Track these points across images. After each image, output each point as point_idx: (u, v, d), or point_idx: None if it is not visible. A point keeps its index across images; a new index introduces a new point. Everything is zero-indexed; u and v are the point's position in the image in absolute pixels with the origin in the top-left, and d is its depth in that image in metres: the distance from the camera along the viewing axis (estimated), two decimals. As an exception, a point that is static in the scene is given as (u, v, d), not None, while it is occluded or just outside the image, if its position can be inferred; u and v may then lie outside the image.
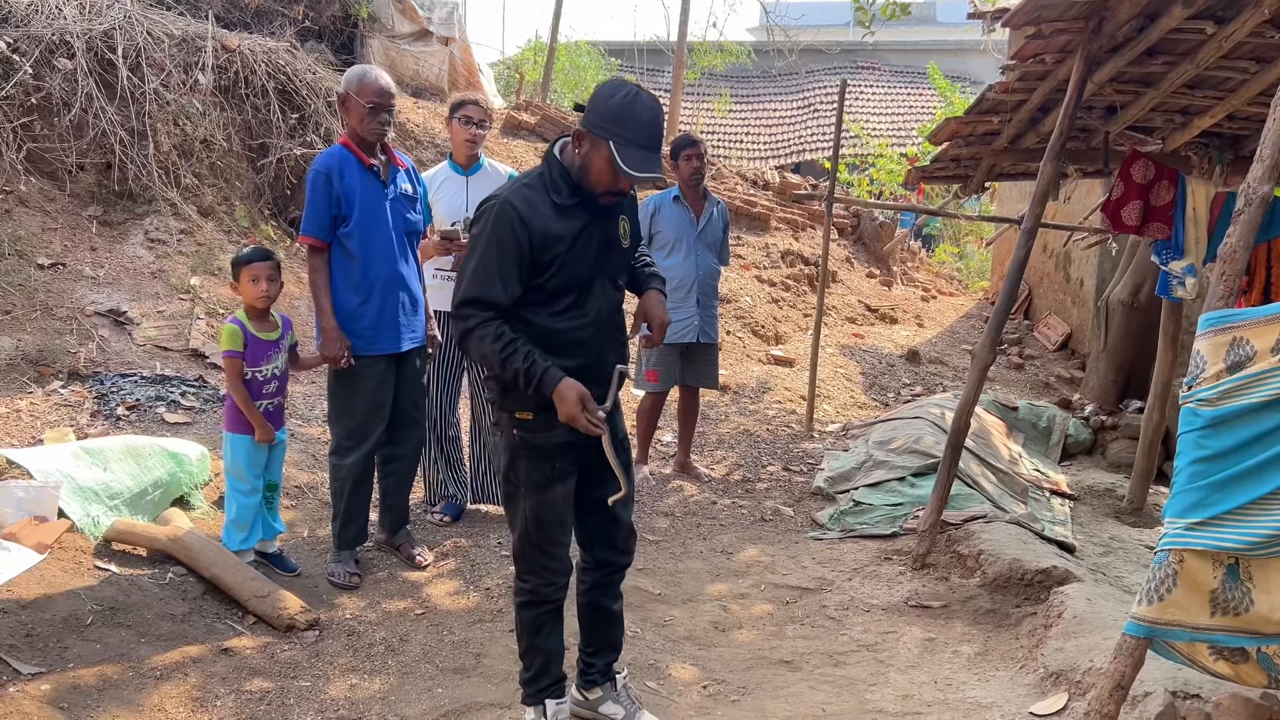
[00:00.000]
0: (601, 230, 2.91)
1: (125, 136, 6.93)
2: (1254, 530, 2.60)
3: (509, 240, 2.75)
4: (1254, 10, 4.11)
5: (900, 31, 19.79)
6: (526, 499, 2.97)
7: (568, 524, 3.03)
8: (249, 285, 4.03)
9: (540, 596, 3.02)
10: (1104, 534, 5.63)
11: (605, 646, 3.27)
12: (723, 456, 6.44)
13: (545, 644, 3.08)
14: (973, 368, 4.77)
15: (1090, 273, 9.22)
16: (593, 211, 2.88)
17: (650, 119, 2.77)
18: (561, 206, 2.83)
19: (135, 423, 5.25)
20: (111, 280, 6.45)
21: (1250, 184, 2.75)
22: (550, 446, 2.92)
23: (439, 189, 4.82)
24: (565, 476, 2.97)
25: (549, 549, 2.98)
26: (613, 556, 3.18)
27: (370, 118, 4.06)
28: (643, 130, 2.74)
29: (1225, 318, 2.69)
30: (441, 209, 4.79)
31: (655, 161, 2.76)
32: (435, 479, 5.02)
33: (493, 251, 2.77)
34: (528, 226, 2.76)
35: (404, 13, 11.13)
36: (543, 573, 3.00)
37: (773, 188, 12.65)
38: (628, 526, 3.16)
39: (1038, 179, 4.68)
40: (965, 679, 3.67)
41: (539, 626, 3.06)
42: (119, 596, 3.73)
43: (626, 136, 2.72)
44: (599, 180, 2.80)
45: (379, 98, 4.06)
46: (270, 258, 4.09)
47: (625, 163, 2.71)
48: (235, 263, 4.10)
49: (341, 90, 4.13)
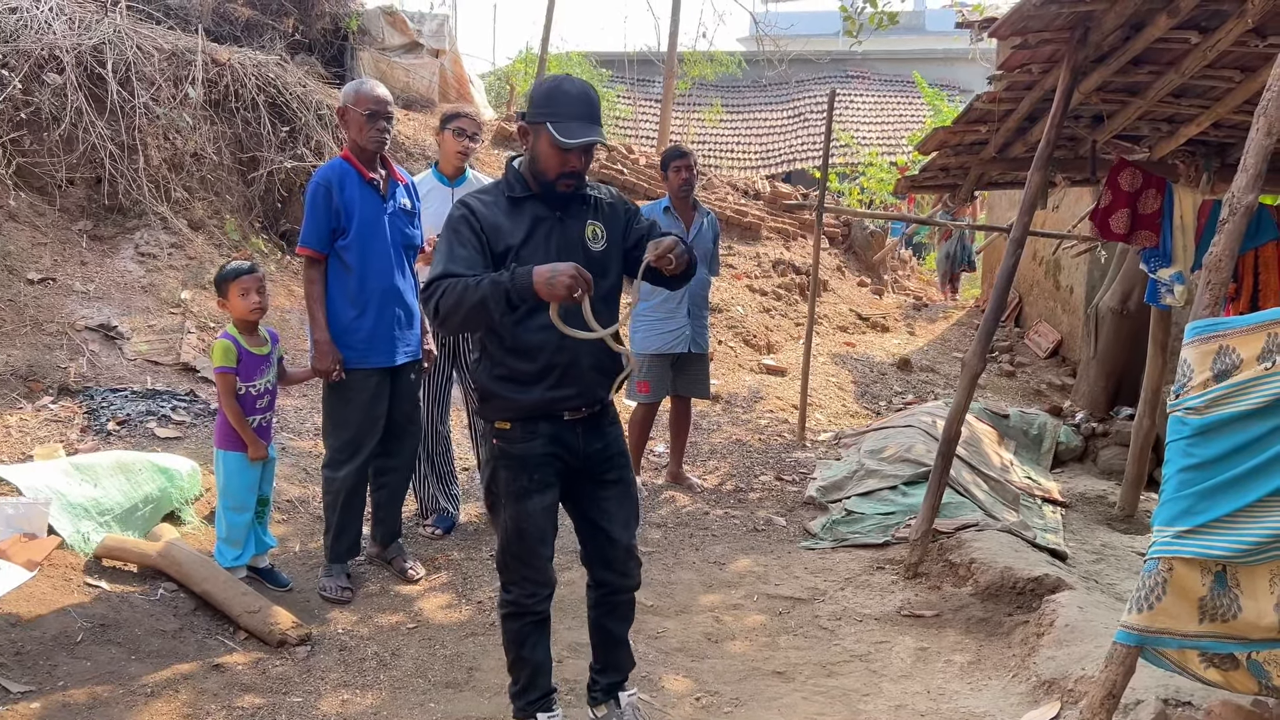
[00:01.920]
0: (561, 230, 2.92)
1: (115, 150, 6.92)
2: (1241, 538, 2.61)
3: (463, 230, 2.86)
4: (1237, 19, 4.14)
5: (889, 41, 19.85)
6: (506, 509, 2.97)
7: (549, 537, 3.01)
8: (239, 299, 4.02)
9: (523, 608, 3.02)
10: (1096, 541, 5.64)
11: (610, 667, 3.28)
12: (715, 466, 6.44)
13: (531, 656, 3.08)
14: (962, 376, 4.79)
15: (1080, 280, 9.26)
16: (551, 208, 2.91)
17: (579, 93, 2.86)
18: (514, 199, 2.91)
19: (126, 438, 5.23)
20: (102, 294, 6.43)
21: (1234, 193, 2.76)
22: (528, 457, 2.93)
23: (424, 199, 4.82)
24: (544, 488, 2.96)
25: (529, 560, 2.98)
26: (611, 578, 3.16)
27: (369, 125, 4.08)
28: (574, 103, 2.84)
29: (1212, 326, 2.70)
30: (428, 219, 4.78)
31: (592, 129, 2.82)
32: (426, 494, 5.02)
33: (450, 242, 2.85)
34: (477, 217, 2.86)
35: (394, 25, 11.15)
36: (524, 584, 3.00)
37: (764, 197, 12.68)
38: (625, 547, 3.12)
39: (1025, 188, 4.70)
40: (958, 688, 3.67)
41: (523, 638, 3.06)
42: (109, 613, 3.71)
43: (560, 113, 2.82)
44: (548, 165, 2.86)
45: (376, 105, 4.09)
46: (257, 271, 4.09)
47: (562, 134, 2.78)
48: (222, 279, 4.08)
49: (340, 104, 4.16)
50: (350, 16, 10.75)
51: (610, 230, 3.03)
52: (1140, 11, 4.25)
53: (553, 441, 2.92)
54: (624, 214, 3.08)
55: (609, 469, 3.07)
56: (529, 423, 2.91)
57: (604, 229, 3.01)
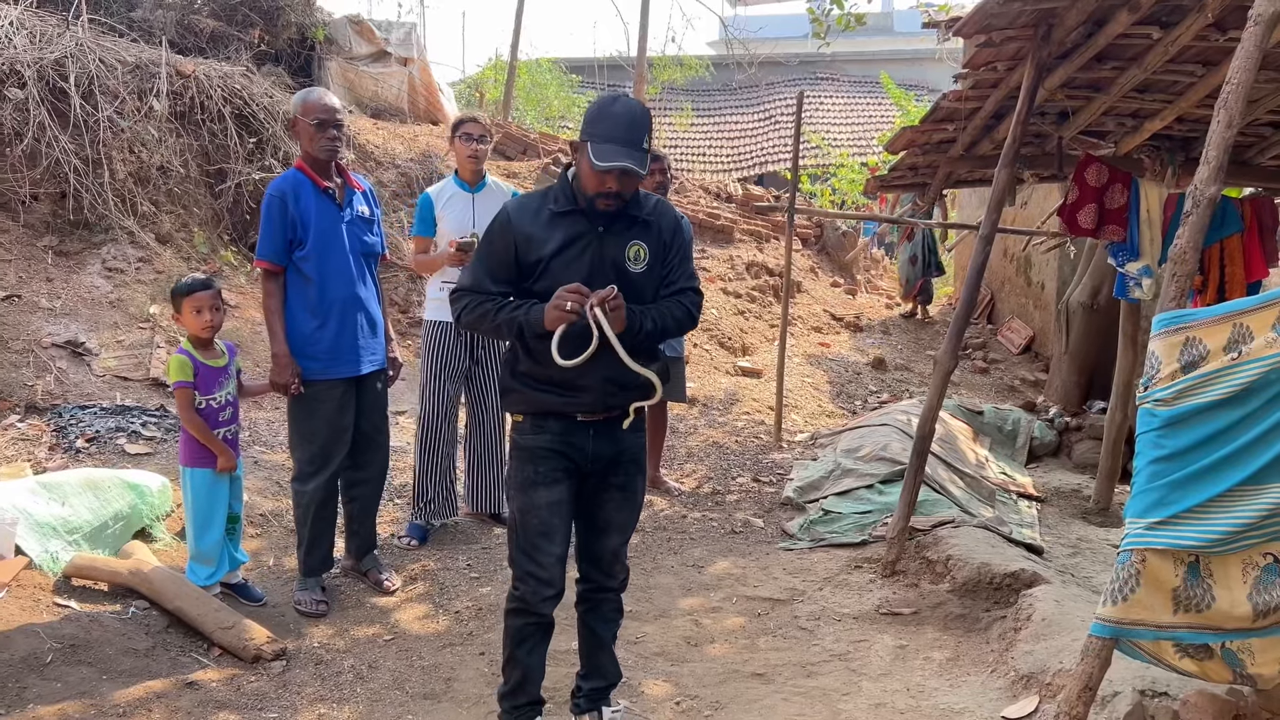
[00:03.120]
0: (599, 245, 2.92)
1: (80, 165, 6.84)
2: (1212, 528, 2.63)
3: (497, 240, 2.95)
4: (1197, 14, 4.18)
5: (858, 42, 19.97)
6: (514, 500, 3.04)
7: (555, 534, 3.00)
8: (192, 316, 3.98)
9: (527, 605, 3.03)
10: (1071, 535, 5.67)
11: (593, 672, 3.27)
12: (692, 469, 6.44)
13: (526, 658, 3.08)
14: (935, 374, 4.80)
15: (1051, 276, 9.33)
16: (593, 224, 2.91)
17: (622, 114, 2.84)
18: (555, 213, 2.93)
19: (95, 455, 5.17)
20: (69, 311, 6.36)
21: (1197, 186, 2.78)
22: (534, 449, 2.99)
23: (445, 204, 4.89)
24: (551, 483, 2.98)
25: (534, 555, 2.98)
26: (594, 575, 3.18)
27: (318, 134, 4.03)
28: (614, 124, 2.82)
29: (1178, 318, 2.72)
30: (448, 224, 4.84)
31: (623, 153, 2.78)
32: (425, 492, 4.98)
33: (485, 250, 3.00)
34: (512, 227, 2.92)
35: (361, 34, 11.10)
36: (529, 579, 3.00)
37: (736, 200, 12.69)
38: (612, 549, 3.14)
39: (993, 185, 4.73)
40: (937, 685, 3.68)
41: (523, 638, 3.07)
42: (79, 633, 3.66)
43: (599, 133, 2.82)
44: (587, 183, 2.86)
45: (323, 114, 4.04)
46: (211, 286, 4.04)
47: (596, 156, 2.78)
48: (176, 293, 4.03)
49: (289, 115, 4.12)
50: (317, 26, 10.69)
51: (654, 253, 3.00)
52: (1102, 8, 4.28)
53: (561, 439, 2.97)
54: (669, 245, 3.02)
55: (616, 473, 3.07)
56: (539, 418, 2.99)
57: (648, 250, 2.98)
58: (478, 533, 5.14)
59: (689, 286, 3.06)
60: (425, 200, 4.94)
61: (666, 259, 3.03)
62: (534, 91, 18.60)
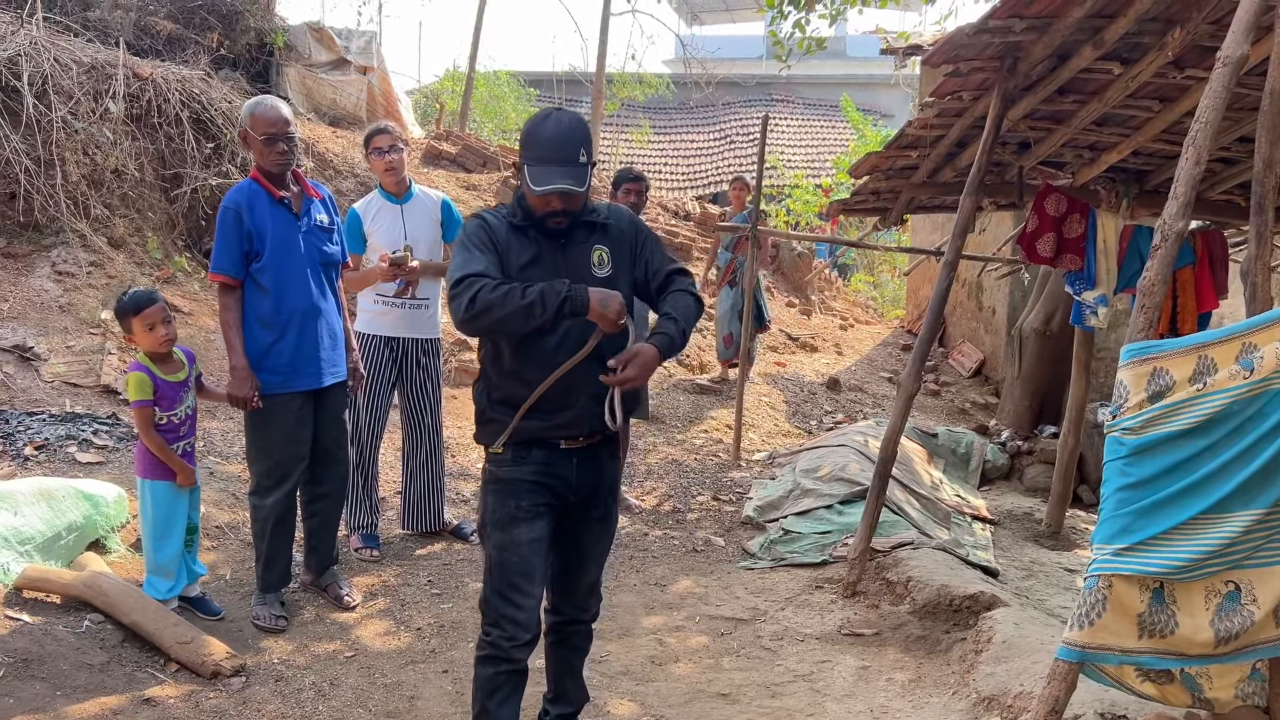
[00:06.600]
0: (563, 256, 2.86)
1: (31, 166, 6.70)
2: (1177, 555, 2.69)
3: (480, 236, 2.81)
4: (1158, 52, 4.30)
5: (813, 65, 20.18)
6: (490, 538, 2.86)
7: (534, 574, 2.84)
8: (145, 334, 3.87)
9: (500, 651, 2.84)
10: (1025, 557, 5.76)
11: (561, 697, 3.23)
12: (653, 487, 6.44)
13: (497, 710, 2.87)
14: (898, 397, 4.86)
15: (1002, 301, 9.49)
16: (550, 238, 2.86)
17: (554, 134, 2.76)
18: (516, 226, 2.85)
19: (45, 463, 5.04)
20: (16, 314, 6.21)
21: (1165, 220, 2.86)
22: (516, 481, 2.84)
23: (374, 219, 4.80)
24: (532, 518, 2.83)
25: (511, 597, 2.81)
26: (569, 609, 3.11)
27: (268, 149, 3.96)
28: (545, 146, 2.75)
29: (1146, 349, 2.78)
30: (379, 238, 4.76)
31: (559, 173, 2.73)
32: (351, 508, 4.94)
33: (470, 249, 2.78)
34: (492, 229, 2.83)
35: (321, 41, 11.01)
36: (504, 624, 2.82)
37: (694, 218, 12.77)
38: (589, 584, 3.08)
39: (958, 213, 4.80)
40: (900, 706, 3.71)
41: (494, 688, 2.87)
42: (32, 647, 3.56)
43: (533, 155, 2.77)
44: (533, 204, 2.81)
45: (272, 128, 3.95)
46: (158, 299, 3.92)
47: (531, 180, 2.75)
48: (122, 312, 3.89)
49: (240, 126, 4.05)
50: (276, 32, 10.58)
51: (617, 255, 2.94)
52: (1067, 43, 4.38)
53: (545, 470, 2.84)
54: (633, 240, 2.98)
55: (596, 505, 2.98)
56: (521, 447, 2.83)
57: (609, 254, 2.92)
58: (439, 549, 5.10)
59: (674, 269, 3.01)
60: (353, 216, 4.81)
61: (636, 254, 2.98)
62: (492, 104, 18.60)
